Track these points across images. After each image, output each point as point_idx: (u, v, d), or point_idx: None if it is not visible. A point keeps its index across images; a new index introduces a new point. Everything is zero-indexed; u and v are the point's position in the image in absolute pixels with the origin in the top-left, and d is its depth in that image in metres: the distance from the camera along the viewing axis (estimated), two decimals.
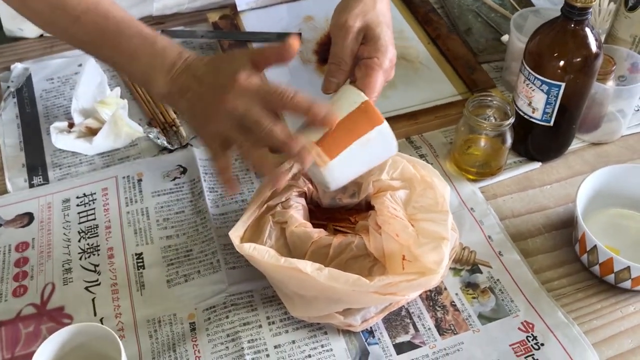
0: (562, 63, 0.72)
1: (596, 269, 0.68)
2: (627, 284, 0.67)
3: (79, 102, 0.86)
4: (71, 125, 0.85)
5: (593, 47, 0.71)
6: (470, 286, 0.69)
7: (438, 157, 0.83)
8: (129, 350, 0.64)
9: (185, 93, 0.63)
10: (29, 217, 0.76)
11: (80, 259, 0.72)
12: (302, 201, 0.69)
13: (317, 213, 0.71)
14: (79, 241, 0.74)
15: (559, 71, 0.72)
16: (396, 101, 0.89)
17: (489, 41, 0.99)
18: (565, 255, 0.72)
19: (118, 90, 0.88)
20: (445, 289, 0.69)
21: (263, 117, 0.59)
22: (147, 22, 0.74)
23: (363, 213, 0.71)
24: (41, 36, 1.03)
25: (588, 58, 0.72)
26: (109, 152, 0.84)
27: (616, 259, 0.65)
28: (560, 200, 0.78)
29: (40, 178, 0.81)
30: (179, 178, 0.80)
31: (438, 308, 0.67)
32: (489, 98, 0.77)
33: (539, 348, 0.64)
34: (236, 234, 0.63)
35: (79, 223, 0.76)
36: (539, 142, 0.81)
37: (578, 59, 0.72)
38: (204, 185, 0.78)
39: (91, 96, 0.88)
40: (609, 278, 0.68)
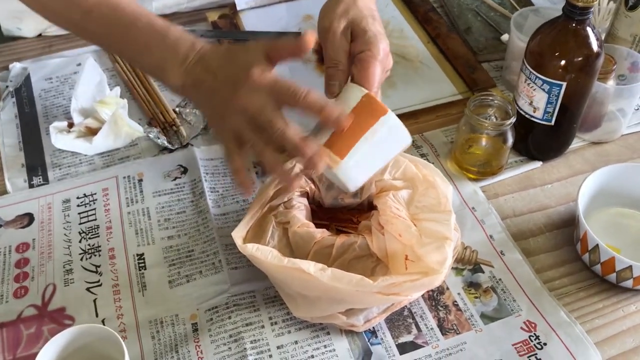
0: (564, 62, 0.72)
1: (598, 268, 0.69)
2: (629, 283, 0.67)
3: (79, 102, 0.86)
4: (71, 125, 0.85)
5: (594, 47, 0.71)
6: (472, 286, 0.69)
7: (439, 157, 0.83)
8: (131, 351, 0.63)
9: (199, 86, 0.62)
10: (29, 218, 0.76)
11: (81, 260, 0.72)
12: (305, 201, 0.68)
13: (320, 213, 0.71)
14: (80, 242, 0.73)
15: (560, 70, 0.72)
16: (396, 100, 0.89)
17: (489, 40, 0.99)
18: (566, 254, 0.72)
19: (118, 89, 0.88)
20: (447, 289, 0.69)
21: (276, 118, 0.58)
22: None
23: (365, 213, 0.71)
24: (39, 35, 1.02)
25: (589, 57, 0.72)
26: (109, 152, 0.84)
27: (618, 258, 0.66)
28: (561, 199, 0.78)
29: (40, 178, 0.81)
30: (180, 178, 0.80)
31: (440, 308, 0.67)
32: (490, 97, 0.77)
33: (542, 348, 0.64)
34: (239, 235, 0.63)
35: (80, 223, 0.75)
36: (540, 142, 0.81)
37: (579, 59, 0.72)
38: (205, 185, 0.78)
39: (91, 96, 0.87)
40: (611, 277, 0.68)
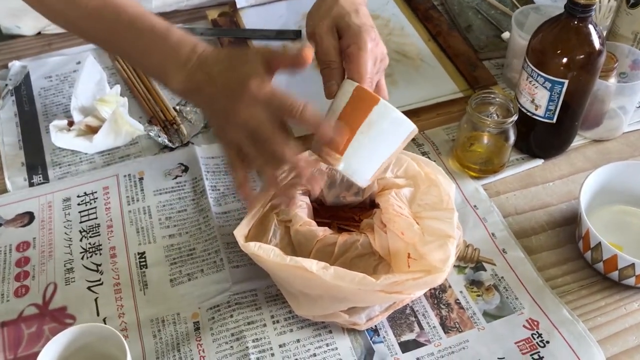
0: (566, 60, 0.72)
1: (600, 266, 0.68)
2: (631, 281, 0.67)
3: (79, 100, 0.86)
4: (71, 123, 0.85)
5: (596, 44, 0.71)
6: (474, 284, 0.69)
7: (440, 155, 0.83)
8: (133, 350, 0.63)
9: (200, 91, 0.62)
10: (30, 217, 0.76)
11: (82, 259, 0.71)
12: (307, 199, 0.68)
13: (321, 211, 0.71)
14: (81, 240, 0.73)
15: (562, 68, 0.72)
16: (397, 98, 0.89)
17: (490, 38, 0.99)
18: (568, 252, 0.72)
19: (118, 87, 0.88)
20: (449, 287, 0.69)
21: (275, 135, 0.58)
22: None
23: (367, 211, 0.71)
24: (39, 34, 1.02)
25: (591, 55, 0.72)
26: (109, 151, 0.84)
27: (620, 256, 0.65)
28: (562, 197, 0.78)
29: (40, 177, 0.81)
30: (181, 176, 0.80)
31: (443, 306, 0.67)
32: (492, 95, 0.77)
33: (544, 346, 0.63)
34: (241, 233, 0.63)
35: (80, 222, 0.75)
36: (542, 139, 0.81)
37: (581, 56, 0.72)
38: (206, 183, 0.78)
39: (91, 94, 0.87)
40: (613, 275, 0.68)
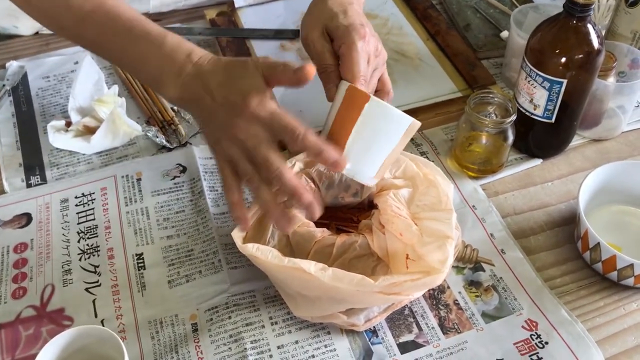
0: (564, 60, 0.71)
1: (599, 267, 0.68)
2: (630, 281, 0.67)
3: (76, 101, 0.85)
4: (68, 124, 0.84)
5: (595, 44, 0.71)
6: (473, 284, 0.69)
7: (439, 155, 0.82)
8: (131, 352, 0.63)
9: (197, 102, 0.61)
10: (27, 218, 0.76)
11: (80, 260, 0.71)
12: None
13: None
14: (79, 242, 0.73)
15: (561, 68, 0.72)
16: (396, 98, 0.88)
17: (488, 37, 0.99)
18: (567, 252, 0.72)
19: (116, 88, 0.87)
20: (448, 288, 0.68)
21: (272, 156, 0.57)
22: None
23: (366, 212, 0.71)
24: (36, 33, 1.02)
25: (590, 54, 0.71)
26: (107, 151, 0.83)
27: (619, 257, 0.65)
28: (561, 197, 0.78)
29: (37, 178, 0.80)
30: (179, 177, 0.80)
31: (441, 307, 0.67)
32: (491, 95, 0.76)
33: (543, 346, 0.63)
34: (239, 234, 0.63)
35: (78, 223, 0.75)
36: (540, 139, 0.80)
37: (580, 56, 0.71)
38: (204, 184, 0.78)
39: (88, 94, 0.87)
40: (612, 275, 0.68)
